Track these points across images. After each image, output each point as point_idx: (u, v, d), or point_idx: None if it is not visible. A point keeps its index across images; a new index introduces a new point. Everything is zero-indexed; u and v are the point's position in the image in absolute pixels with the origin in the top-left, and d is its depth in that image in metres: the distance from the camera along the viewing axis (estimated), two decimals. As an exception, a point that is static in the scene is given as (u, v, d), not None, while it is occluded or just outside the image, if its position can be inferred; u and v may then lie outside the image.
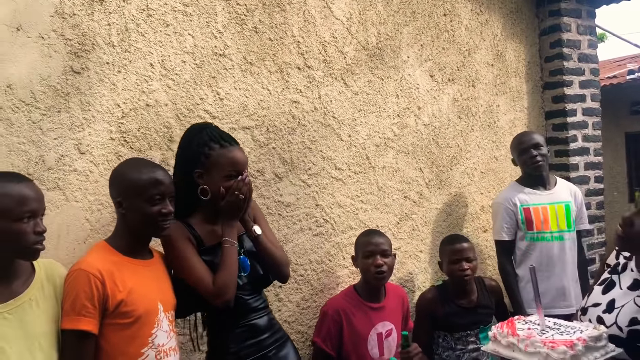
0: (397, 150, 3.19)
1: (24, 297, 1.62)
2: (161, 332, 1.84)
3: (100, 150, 2.27)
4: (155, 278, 1.92)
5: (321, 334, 2.58)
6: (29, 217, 1.60)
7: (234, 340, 2.07)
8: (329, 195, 2.92)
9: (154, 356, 1.81)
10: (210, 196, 2.03)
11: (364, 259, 2.61)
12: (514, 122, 3.78)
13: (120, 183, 1.88)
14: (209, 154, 2.04)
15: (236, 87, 2.62)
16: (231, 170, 2.04)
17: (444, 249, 2.96)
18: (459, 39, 3.48)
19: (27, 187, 1.63)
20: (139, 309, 1.78)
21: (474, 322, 2.88)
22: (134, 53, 2.35)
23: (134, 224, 1.87)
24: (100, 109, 2.27)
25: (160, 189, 1.86)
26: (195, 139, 2.08)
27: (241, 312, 2.08)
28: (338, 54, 2.95)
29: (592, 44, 3.98)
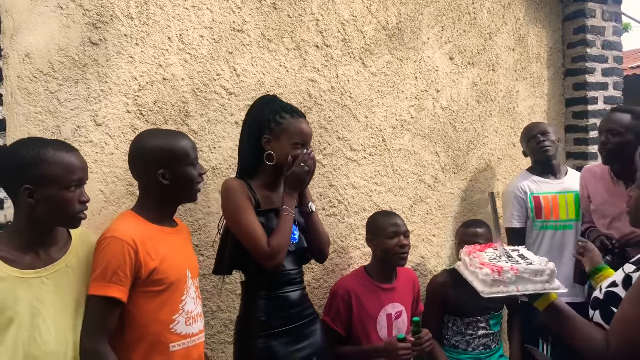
0: (413, 133, 3.16)
1: (60, 263, 1.68)
2: (189, 298, 1.89)
3: (116, 122, 2.27)
4: (182, 245, 1.97)
5: (330, 313, 2.58)
6: (75, 185, 1.64)
7: (266, 309, 2.12)
8: (343, 176, 2.90)
9: (184, 322, 1.86)
10: (275, 162, 2.09)
11: (387, 239, 2.60)
12: (534, 108, 3.72)
13: (160, 153, 1.86)
14: (279, 121, 2.10)
15: (253, 63, 2.60)
16: (299, 139, 2.11)
17: (459, 231, 3.00)
18: (481, 21, 3.42)
19: (75, 157, 1.67)
20: (170, 276, 1.83)
21: (484, 308, 2.87)
22: (151, 26, 2.34)
23: (176, 192, 1.90)
24: (117, 81, 2.26)
25: (195, 152, 1.95)
26: (267, 106, 2.15)
27: (278, 282, 2.14)
28: (357, 33, 2.92)
29: (617, 31, 3.89)
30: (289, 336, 2.14)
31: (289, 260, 2.15)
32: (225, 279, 2.49)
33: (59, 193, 1.60)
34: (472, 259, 1.87)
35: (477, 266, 1.80)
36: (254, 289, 2.16)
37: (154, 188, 1.88)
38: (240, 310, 2.24)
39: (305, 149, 2.12)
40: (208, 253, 2.50)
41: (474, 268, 1.82)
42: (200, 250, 2.48)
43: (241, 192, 2.07)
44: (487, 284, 1.72)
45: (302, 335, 2.19)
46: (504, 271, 1.71)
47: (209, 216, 2.50)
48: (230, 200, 2.08)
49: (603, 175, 2.88)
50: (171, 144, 1.88)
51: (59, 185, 1.60)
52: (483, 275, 1.73)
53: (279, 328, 2.12)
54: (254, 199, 2.10)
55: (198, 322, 1.93)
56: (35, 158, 1.58)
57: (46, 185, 1.59)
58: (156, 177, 1.85)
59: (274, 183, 2.18)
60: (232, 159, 2.55)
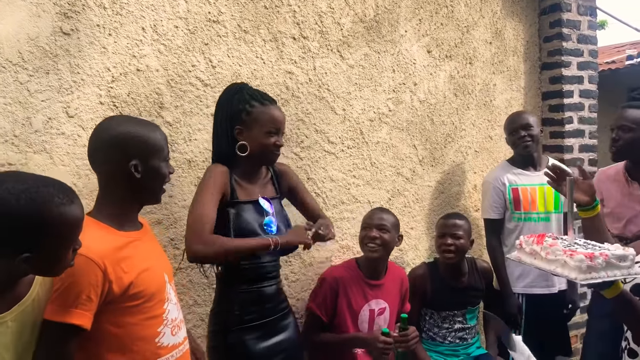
0: (391, 126, 3.16)
1: (27, 300, 1.41)
2: (171, 305, 1.71)
3: (89, 114, 2.22)
4: (153, 249, 1.76)
5: (317, 299, 2.59)
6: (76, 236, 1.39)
7: (240, 303, 2.10)
8: (322, 169, 2.89)
9: (170, 332, 1.67)
10: (248, 152, 2.06)
11: (361, 231, 2.67)
12: (510, 101, 3.75)
13: (135, 142, 1.62)
14: (250, 111, 2.08)
15: (229, 55, 2.57)
16: (272, 126, 2.09)
17: (439, 222, 3.02)
18: (458, 14, 3.43)
19: (78, 207, 1.38)
20: (150, 287, 1.61)
21: (461, 303, 2.89)
22: (125, 16, 2.29)
23: (145, 189, 1.67)
24: (89, 72, 2.22)
25: (168, 148, 1.76)
26: (235, 97, 2.11)
27: (254, 276, 2.12)
28: (334, 25, 2.90)
29: (592, 25, 3.93)
30: (262, 330, 2.13)
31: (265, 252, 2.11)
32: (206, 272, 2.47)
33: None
34: (549, 247, 1.81)
35: (565, 254, 1.73)
36: (230, 282, 2.14)
37: (120, 183, 1.62)
38: (214, 303, 2.22)
39: (278, 136, 2.11)
40: (183, 247, 2.44)
41: (557, 256, 1.76)
42: (176, 244, 2.45)
43: (216, 177, 2.03)
44: (581, 271, 1.66)
45: (276, 329, 2.18)
46: (595, 257, 1.67)
47: (184, 209, 2.46)
48: (205, 178, 2.04)
49: (617, 176, 2.82)
50: (148, 134, 1.65)
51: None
52: (577, 262, 1.67)
53: (253, 322, 2.10)
54: (230, 190, 2.07)
55: (182, 329, 1.75)
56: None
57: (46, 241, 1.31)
58: (127, 168, 1.59)
59: (251, 173, 2.16)
60: (207, 151, 2.52)
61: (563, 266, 1.73)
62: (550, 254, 1.79)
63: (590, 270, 1.67)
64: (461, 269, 2.93)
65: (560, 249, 1.77)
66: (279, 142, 2.12)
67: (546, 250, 1.82)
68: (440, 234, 2.91)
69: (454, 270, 2.90)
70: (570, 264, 1.69)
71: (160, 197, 1.77)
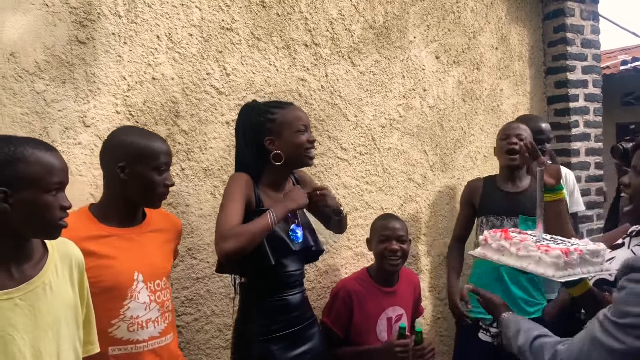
0: (402, 131, 3.15)
1: (36, 280, 1.44)
2: (136, 304, 1.78)
3: (105, 123, 2.20)
4: (139, 246, 1.84)
5: (331, 315, 2.54)
6: (56, 189, 1.41)
7: (265, 313, 2.06)
8: (335, 175, 2.87)
9: (126, 328, 1.77)
10: (284, 159, 2.05)
11: (378, 244, 2.55)
12: (517, 106, 3.76)
13: (127, 147, 1.81)
14: (273, 118, 2.06)
15: (243, 62, 2.56)
16: (300, 124, 2.07)
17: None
18: (465, 20, 3.44)
19: (55, 157, 1.44)
20: (106, 280, 1.73)
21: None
22: (140, 24, 2.28)
23: (134, 191, 1.83)
24: (105, 81, 2.20)
25: (167, 159, 1.88)
26: (252, 112, 2.10)
27: (279, 285, 2.09)
28: (345, 32, 2.90)
29: (595, 30, 3.96)
30: (288, 340, 2.09)
31: (291, 260, 2.11)
32: (220, 282, 2.44)
33: (38, 197, 1.37)
34: (519, 242, 1.72)
35: (539, 250, 1.64)
36: (254, 291, 2.10)
37: (113, 182, 1.83)
38: (237, 314, 2.17)
39: (308, 132, 2.09)
40: (201, 257, 2.44)
41: (530, 252, 1.67)
42: (194, 254, 2.42)
43: (241, 184, 2.01)
44: (559, 267, 1.57)
45: (302, 339, 2.14)
46: (570, 253, 1.58)
47: (201, 218, 2.44)
48: (229, 187, 2.02)
49: None
50: (142, 142, 1.82)
51: (39, 188, 1.37)
52: (554, 258, 1.58)
53: (279, 332, 2.07)
54: (255, 198, 2.04)
55: (149, 328, 1.81)
56: (11, 157, 1.35)
57: (24, 188, 1.36)
58: (115, 169, 1.79)
59: (278, 183, 2.14)
60: (223, 159, 2.50)
61: (537, 263, 1.64)
62: (522, 249, 1.69)
63: (567, 266, 1.58)
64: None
65: (532, 245, 1.68)
66: (311, 137, 2.10)
67: (517, 245, 1.71)
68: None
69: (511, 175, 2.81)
70: (547, 260, 1.60)
71: (155, 203, 1.89)
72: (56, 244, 1.54)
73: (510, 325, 1.57)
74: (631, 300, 1.07)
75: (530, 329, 1.48)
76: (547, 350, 1.32)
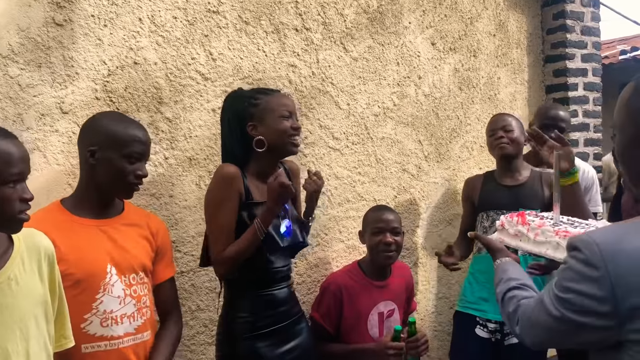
0: (396, 120, 3.05)
1: (0, 276, 1.37)
2: (109, 297, 1.69)
3: (84, 110, 2.10)
4: (112, 238, 1.75)
5: (320, 309, 2.45)
6: (15, 180, 1.32)
7: (250, 309, 1.99)
8: (326, 166, 2.78)
9: (99, 323, 1.67)
10: (267, 146, 1.96)
11: (372, 236, 2.45)
12: (515, 95, 3.66)
13: (99, 131, 1.73)
14: (257, 103, 1.99)
15: (230, 47, 2.45)
16: (284, 110, 1.99)
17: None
18: (462, 6, 3.33)
19: (14, 145, 1.35)
20: (76, 272, 1.64)
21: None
22: (121, 6, 2.17)
23: (102, 179, 1.73)
24: (84, 66, 2.09)
25: (142, 148, 1.77)
26: (237, 98, 2.04)
27: (266, 280, 2.02)
28: (337, 17, 2.79)
29: (595, 17, 3.86)
30: (275, 337, 2.01)
31: (279, 256, 2.04)
32: (205, 276, 2.35)
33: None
34: (537, 228, 1.66)
35: (558, 235, 1.59)
36: (239, 286, 2.02)
37: (85, 168, 1.76)
38: (223, 309, 2.10)
39: (293, 119, 2.01)
40: (186, 249, 2.35)
41: (548, 238, 1.62)
42: (177, 247, 2.32)
43: (230, 184, 1.94)
44: None
45: (289, 335, 2.06)
46: None
47: (185, 210, 2.35)
48: (214, 190, 1.96)
49: None
50: (116, 127, 1.73)
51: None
52: None
53: (266, 329, 1.99)
54: (244, 191, 1.96)
55: (124, 323, 1.71)
56: None
57: None
58: (86, 154, 1.72)
59: (267, 172, 2.02)
60: (209, 148, 2.40)
61: (556, 248, 1.60)
62: (540, 235, 1.64)
63: None
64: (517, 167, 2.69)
65: (550, 230, 1.63)
66: (295, 124, 2.01)
67: (535, 231, 1.66)
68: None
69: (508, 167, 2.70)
70: (565, 245, 1.56)
71: (126, 193, 1.81)
72: (23, 236, 1.45)
73: (499, 272, 1.55)
74: (570, 276, 1.12)
75: (510, 279, 1.46)
76: (513, 303, 1.36)
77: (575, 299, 1.10)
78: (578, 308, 1.10)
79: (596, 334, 1.10)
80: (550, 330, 1.18)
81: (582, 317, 1.09)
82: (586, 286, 1.08)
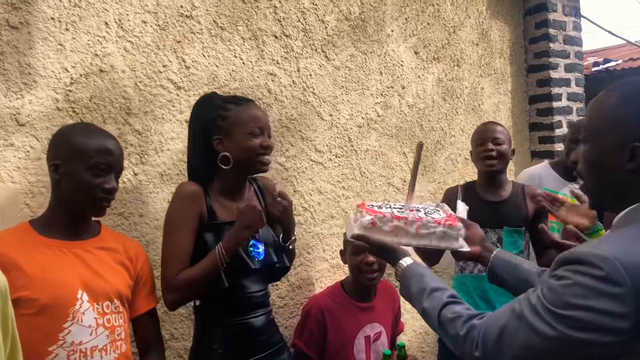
0: (380, 132, 2.91)
1: None
2: (79, 326, 1.50)
3: (43, 122, 1.90)
4: (85, 261, 1.57)
5: (303, 336, 2.28)
6: None
7: (223, 339, 1.79)
8: (309, 180, 2.61)
9: (66, 356, 1.48)
10: (232, 163, 1.78)
11: (353, 256, 2.29)
12: (498, 106, 3.56)
13: (62, 143, 1.58)
14: (225, 115, 1.79)
15: (205, 54, 2.28)
16: (253, 126, 1.80)
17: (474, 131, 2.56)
18: (444, 14, 3.23)
19: None
20: (41, 297, 1.46)
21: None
22: (85, 8, 1.99)
23: (67, 194, 1.57)
24: (43, 73, 1.90)
25: (108, 159, 1.58)
26: (206, 106, 1.84)
27: (239, 307, 1.82)
28: (318, 23, 2.65)
29: (577, 26, 3.80)
30: None
31: (252, 280, 1.85)
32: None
33: None
34: (416, 221, 1.51)
35: (441, 224, 1.51)
36: (210, 315, 1.83)
37: (52, 186, 1.60)
38: (193, 340, 1.92)
39: (264, 136, 1.81)
40: (157, 273, 2.13)
41: (431, 228, 1.51)
42: (149, 270, 2.12)
43: (188, 203, 1.77)
44: (461, 238, 1.55)
45: None
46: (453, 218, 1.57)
47: (157, 230, 2.15)
48: (172, 209, 1.79)
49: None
50: (79, 138, 1.57)
51: None
52: (458, 230, 1.53)
53: None
54: (207, 211, 1.79)
55: (95, 357, 1.53)
56: None
57: None
58: (54, 170, 1.57)
59: (234, 189, 1.86)
60: (182, 162, 2.21)
61: (441, 238, 1.53)
62: (422, 227, 1.52)
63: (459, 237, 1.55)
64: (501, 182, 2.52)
65: (431, 220, 1.53)
66: (265, 142, 1.82)
67: (415, 224, 1.52)
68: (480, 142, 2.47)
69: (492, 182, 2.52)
70: (452, 234, 1.53)
71: (94, 210, 1.62)
72: None
73: (412, 278, 1.38)
74: (577, 292, 1.03)
75: (436, 290, 1.31)
76: (459, 324, 1.20)
77: (584, 316, 1.02)
78: (586, 325, 1.02)
79: (598, 349, 1.03)
80: (537, 350, 1.08)
81: (588, 334, 1.02)
82: (601, 303, 1.00)
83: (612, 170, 1.15)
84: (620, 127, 1.12)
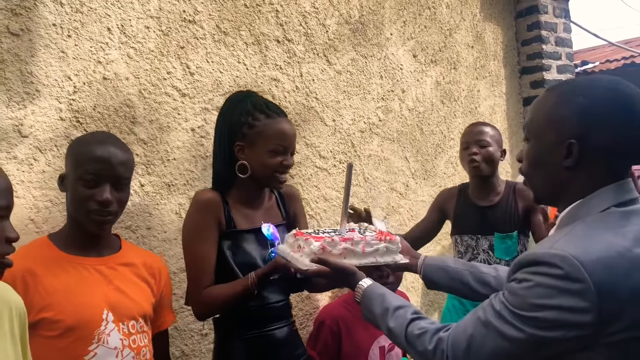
0: (382, 137, 2.87)
1: None
2: (105, 349, 1.43)
3: (47, 133, 1.81)
4: (108, 279, 1.50)
5: (317, 346, 2.21)
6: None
7: (244, 352, 1.72)
8: (314, 187, 2.56)
9: None
10: (249, 174, 1.72)
11: None
12: (494, 108, 3.56)
13: (67, 153, 1.53)
14: (252, 124, 1.71)
15: (209, 59, 2.22)
16: (278, 144, 1.72)
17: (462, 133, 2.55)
18: (440, 17, 3.21)
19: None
20: (67, 319, 1.39)
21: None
22: (87, 14, 1.91)
23: (68, 206, 1.52)
24: (46, 82, 1.82)
25: (99, 167, 1.45)
26: (238, 106, 1.74)
27: (260, 319, 1.74)
28: (319, 27, 2.60)
29: (567, 28, 3.83)
30: None
31: (271, 291, 1.78)
32: (190, 317, 2.08)
33: None
34: (361, 240, 1.53)
35: (382, 241, 1.55)
36: (230, 327, 1.76)
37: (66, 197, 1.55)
38: (213, 354, 1.83)
39: (286, 155, 1.74)
40: (167, 287, 2.07)
41: (374, 246, 1.54)
42: (158, 285, 2.04)
43: (207, 212, 1.70)
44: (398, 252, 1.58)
45: None
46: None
47: (165, 243, 2.08)
48: (192, 218, 1.72)
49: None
50: (79, 147, 1.50)
51: None
52: (395, 244, 1.55)
53: None
54: (225, 219, 1.72)
55: None
56: None
57: None
58: (58, 180, 1.54)
59: (253, 198, 1.80)
60: (189, 172, 2.15)
61: (384, 253, 1.55)
62: (367, 245, 1.55)
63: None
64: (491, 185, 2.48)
65: (373, 237, 1.56)
66: (287, 161, 1.75)
67: (360, 244, 1.54)
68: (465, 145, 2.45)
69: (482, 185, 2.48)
70: (393, 248, 1.56)
71: (94, 224, 1.48)
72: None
73: (374, 299, 1.38)
74: (540, 293, 1.05)
75: (399, 308, 1.30)
76: (427, 339, 1.20)
77: (550, 315, 1.04)
78: (553, 324, 1.04)
79: (566, 344, 1.05)
80: (507, 354, 1.09)
81: (556, 331, 1.04)
82: (564, 300, 1.03)
83: (551, 168, 1.17)
84: (557, 124, 1.15)
